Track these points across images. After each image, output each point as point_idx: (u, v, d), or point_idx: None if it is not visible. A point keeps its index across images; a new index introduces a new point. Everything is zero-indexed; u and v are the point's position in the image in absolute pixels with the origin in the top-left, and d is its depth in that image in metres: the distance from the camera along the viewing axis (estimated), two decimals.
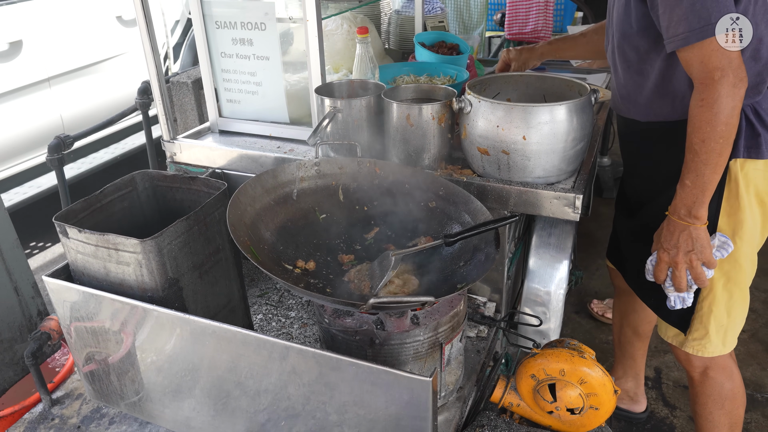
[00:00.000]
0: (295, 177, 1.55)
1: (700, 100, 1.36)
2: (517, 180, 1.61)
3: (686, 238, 1.46)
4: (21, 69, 3.53)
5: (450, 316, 1.34)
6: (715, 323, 1.67)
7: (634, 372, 2.30)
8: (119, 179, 1.49)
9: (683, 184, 1.44)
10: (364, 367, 1.09)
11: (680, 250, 1.47)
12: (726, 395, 1.80)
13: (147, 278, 1.27)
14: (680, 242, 1.47)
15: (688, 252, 1.47)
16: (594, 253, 3.42)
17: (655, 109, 1.59)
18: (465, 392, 1.51)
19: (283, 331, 1.69)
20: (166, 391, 1.36)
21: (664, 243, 1.50)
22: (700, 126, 1.36)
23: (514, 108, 1.52)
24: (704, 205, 1.43)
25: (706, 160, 1.38)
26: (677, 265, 1.49)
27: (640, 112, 1.64)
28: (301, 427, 1.22)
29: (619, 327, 2.25)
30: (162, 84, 1.96)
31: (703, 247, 1.46)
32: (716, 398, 1.81)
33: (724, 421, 1.83)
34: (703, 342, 1.70)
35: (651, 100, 1.59)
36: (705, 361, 1.76)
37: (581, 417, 1.43)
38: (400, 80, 2.17)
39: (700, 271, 1.48)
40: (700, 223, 1.45)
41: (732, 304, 1.65)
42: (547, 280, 1.79)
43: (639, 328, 2.19)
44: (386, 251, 1.37)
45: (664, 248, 1.50)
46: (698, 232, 1.45)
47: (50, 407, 1.55)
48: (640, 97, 1.61)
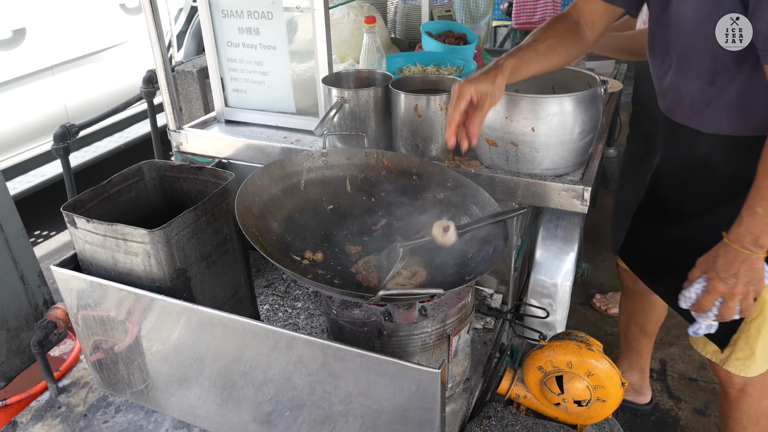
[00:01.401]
0: (302, 168, 1.55)
1: None
2: (525, 172, 1.60)
3: (747, 268, 1.34)
4: (24, 57, 3.52)
5: (458, 308, 1.34)
6: (762, 345, 1.62)
7: (640, 366, 2.30)
8: (126, 169, 1.49)
9: (753, 211, 1.30)
10: (371, 358, 1.09)
11: (739, 280, 1.35)
12: (762, 412, 1.76)
13: (155, 268, 1.27)
14: (740, 272, 1.34)
15: (747, 283, 1.35)
16: (599, 244, 3.42)
17: (724, 122, 1.46)
18: (472, 383, 1.51)
19: (290, 321, 1.69)
20: (172, 380, 1.36)
21: (721, 272, 1.36)
22: None
23: (522, 99, 1.51)
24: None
25: None
26: (733, 297, 1.37)
27: (705, 124, 1.50)
28: (307, 417, 1.23)
29: (625, 324, 2.24)
30: (168, 73, 1.95)
31: (760, 279, 1.36)
32: (752, 414, 1.77)
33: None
34: (747, 363, 1.66)
35: (720, 113, 1.45)
36: (745, 379, 1.71)
37: (588, 409, 1.43)
38: (407, 70, 2.16)
39: (752, 302, 1.38)
40: (763, 252, 1.33)
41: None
42: (553, 272, 1.78)
43: (646, 327, 2.18)
44: (394, 243, 1.37)
45: (721, 278, 1.36)
46: (759, 263, 1.34)
47: (57, 395, 1.56)
48: (707, 109, 1.47)
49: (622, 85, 2.41)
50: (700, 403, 2.39)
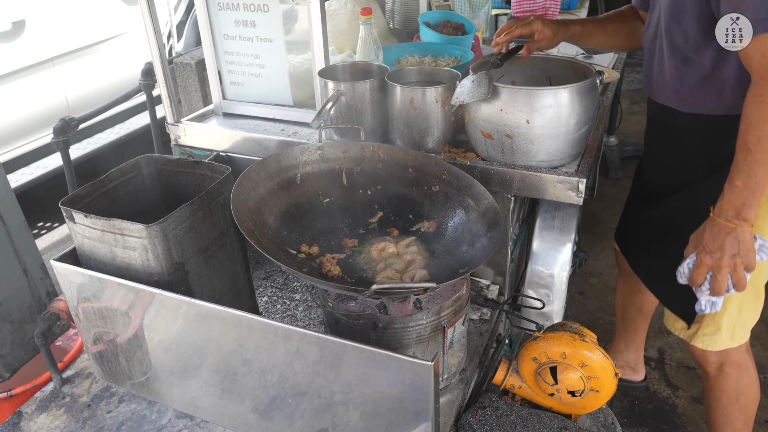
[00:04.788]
0: (298, 161, 1.55)
1: (759, 95, 1.28)
2: (520, 164, 1.61)
3: (732, 241, 1.38)
4: (24, 49, 3.52)
5: (452, 300, 1.35)
6: (727, 319, 1.66)
7: (636, 345, 2.35)
8: (124, 163, 1.50)
9: (732, 184, 1.35)
10: (367, 352, 1.10)
11: (725, 253, 1.39)
12: (741, 390, 1.80)
13: (153, 263, 1.29)
14: (726, 245, 1.39)
15: (734, 256, 1.39)
16: (599, 233, 3.42)
17: (699, 100, 1.52)
18: (468, 374, 1.53)
19: (288, 313, 1.71)
20: (172, 372, 1.38)
21: (708, 246, 1.41)
22: (756, 123, 1.29)
23: (518, 91, 1.51)
24: (754, 207, 1.36)
25: (761, 160, 1.30)
26: (721, 269, 1.41)
27: (681, 102, 1.56)
28: (305, 407, 1.25)
29: (622, 306, 2.28)
30: (165, 66, 1.95)
31: (748, 251, 1.39)
32: (731, 393, 1.81)
33: (739, 415, 1.83)
34: (713, 337, 1.70)
35: (695, 91, 1.51)
36: (721, 357, 1.75)
37: (582, 399, 1.45)
38: (404, 61, 2.16)
39: (743, 275, 1.42)
40: (747, 225, 1.37)
41: (744, 302, 1.64)
42: (550, 262, 1.79)
43: (643, 308, 2.22)
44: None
45: (707, 251, 1.42)
46: (745, 235, 1.38)
47: (61, 386, 1.59)
48: (682, 87, 1.54)
49: (619, 74, 2.40)
50: (697, 391, 2.41)
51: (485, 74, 1.54)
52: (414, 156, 1.59)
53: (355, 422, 1.21)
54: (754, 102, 1.29)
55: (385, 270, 1.38)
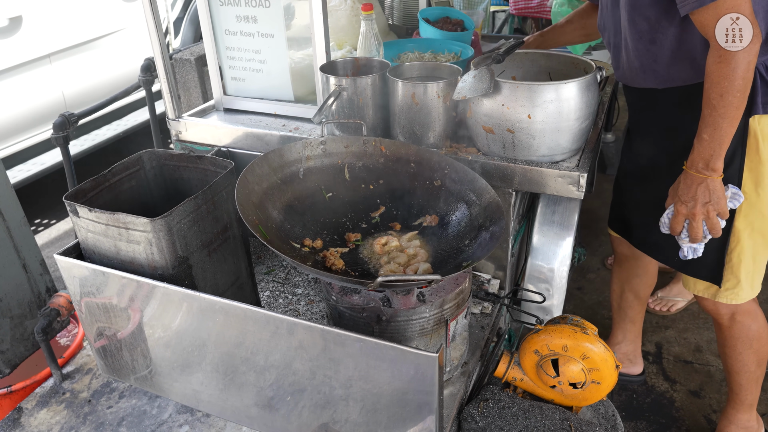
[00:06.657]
0: (301, 156, 1.56)
1: (718, 57, 1.39)
2: (521, 158, 1.62)
3: (704, 190, 1.50)
4: (22, 45, 3.50)
5: (455, 294, 1.36)
6: (744, 271, 1.75)
7: (633, 336, 2.38)
8: (127, 158, 1.50)
9: (701, 138, 1.47)
10: (371, 343, 1.11)
11: (698, 202, 1.51)
12: (753, 336, 1.90)
13: (157, 256, 1.29)
14: (698, 194, 1.51)
15: (705, 203, 1.51)
16: (597, 229, 3.44)
17: (674, 74, 1.62)
18: (469, 367, 1.53)
19: (290, 307, 1.72)
20: (175, 365, 1.39)
21: (682, 196, 1.54)
22: (718, 81, 1.40)
23: (519, 87, 1.52)
24: (721, 158, 1.47)
25: (724, 114, 1.41)
26: (695, 217, 1.53)
27: (659, 80, 1.66)
28: (308, 401, 1.26)
29: (619, 292, 2.31)
30: (166, 62, 1.95)
31: (719, 198, 1.51)
32: (744, 339, 1.91)
33: (753, 358, 1.94)
34: (735, 290, 1.78)
35: (669, 66, 1.61)
36: (732, 308, 1.85)
37: (583, 391, 1.46)
38: (405, 57, 2.16)
39: (716, 221, 1.53)
40: (716, 175, 1.49)
41: (756, 251, 1.73)
42: (550, 257, 1.80)
43: (640, 293, 2.26)
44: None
45: (682, 201, 1.54)
46: (715, 184, 1.50)
47: (61, 382, 1.59)
48: (657, 66, 1.63)
49: None
50: (695, 385, 2.43)
51: (487, 69, 1.55)
52: (416, 151, 1.60)
53: (355, 417, 1.22)
54: (714, 62, 1.41)
55: (389, 264, 1.39)
